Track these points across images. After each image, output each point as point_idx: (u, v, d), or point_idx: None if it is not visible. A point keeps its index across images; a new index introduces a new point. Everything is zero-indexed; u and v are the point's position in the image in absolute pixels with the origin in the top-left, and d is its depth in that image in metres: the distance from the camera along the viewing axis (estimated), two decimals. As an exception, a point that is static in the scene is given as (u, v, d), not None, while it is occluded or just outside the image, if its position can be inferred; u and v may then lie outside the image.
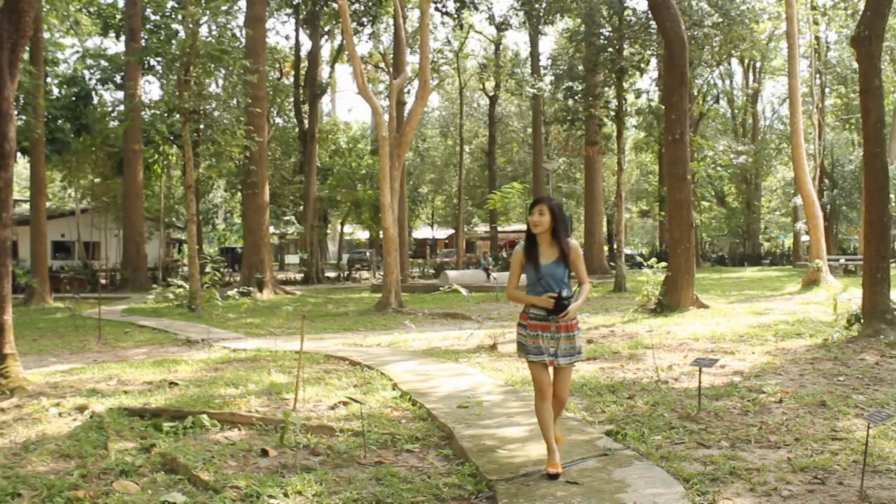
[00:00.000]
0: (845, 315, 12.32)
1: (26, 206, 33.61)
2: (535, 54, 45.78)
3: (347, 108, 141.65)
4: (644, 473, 5.35)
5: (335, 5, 33.30)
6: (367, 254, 58.70)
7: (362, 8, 37.78)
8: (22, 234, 32.39)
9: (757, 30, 36.12)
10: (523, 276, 5.75)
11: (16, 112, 10.27)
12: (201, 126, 25.15)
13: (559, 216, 5.52)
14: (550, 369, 5.56)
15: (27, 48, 11.97)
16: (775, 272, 38.29)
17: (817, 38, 40.63)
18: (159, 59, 28.64)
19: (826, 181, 44.46)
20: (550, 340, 5.45)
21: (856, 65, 16.31)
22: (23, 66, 13.58)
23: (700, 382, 7.50)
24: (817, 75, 40.78)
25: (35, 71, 25.69)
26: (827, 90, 46.11)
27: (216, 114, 24.35)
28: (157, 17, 36.07)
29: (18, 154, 28.65)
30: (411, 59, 32.46)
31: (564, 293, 5.40)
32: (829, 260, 26.75)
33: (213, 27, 25.16)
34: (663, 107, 20.57)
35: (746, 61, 50.96)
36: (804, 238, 42.01)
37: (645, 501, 4.80)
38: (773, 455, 5.85)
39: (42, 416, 7.73)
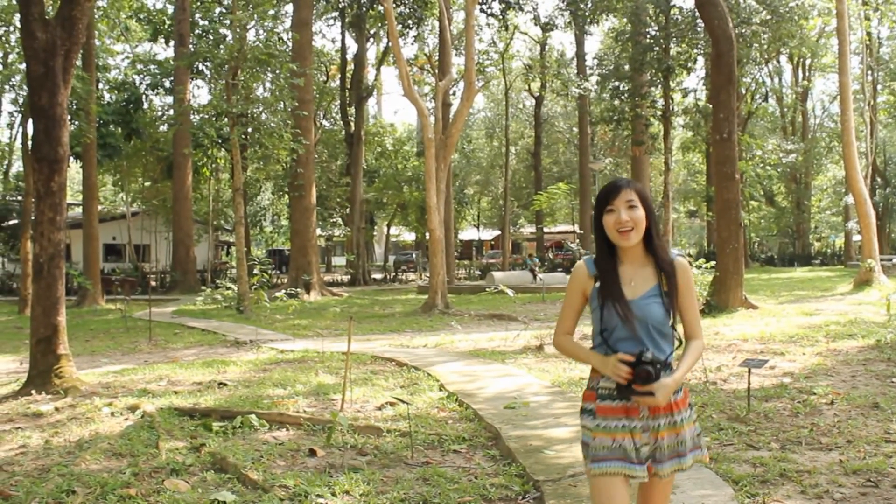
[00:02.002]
0: (899, 315, 12.10)
1: (79, 210, 34.20)
2: (580, 54, 45.60)
3: (393, 110, 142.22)
4: (693, 475, 5.29)
5: (381, 8, 33.45)
6: (414, 255, 58.85)
7: (408, 10, 37.90)
8: (75, 237, 33.02)
9: (806, 26, 35.60)
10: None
11: (69, 117, 10.45)
12: (249, 129, 25.42)
13: (652, 207, 3.30)
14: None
15: (80, 54, 12.16)
16: (826, 272, 37.70)
17: (869, 33, 39.93)
18: (208, 63, 29.05)
19: (878, 179, 43.82)
20: (643, 434, 3.14)
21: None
22: (75, 72, 13.81)
23: (749, 383, 7.42)
24: (869, 72, 40.12)
25: (87, 77, 26.14)
26: (879, 87, 45.28)
27: (263, 117, 24.60)
28: (206, 23, 36.63)
29: (71, 158, 29.17)
30: (457, 61, 32.49)
31: (649, 354, 3.04)
32: (881, 259, 26.26)
33: (261, 31, 25.51)
34: (711, 106, 20.39)
35: (796, 58, 50.17)
36: (856, 237, 41.33)
37: (694, 503, 4.76)
38: (824, 457, 5.76)
39: (95, 416, 7.86)
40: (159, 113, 42.39)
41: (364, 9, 38.16)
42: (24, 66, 15.84)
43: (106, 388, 9.59)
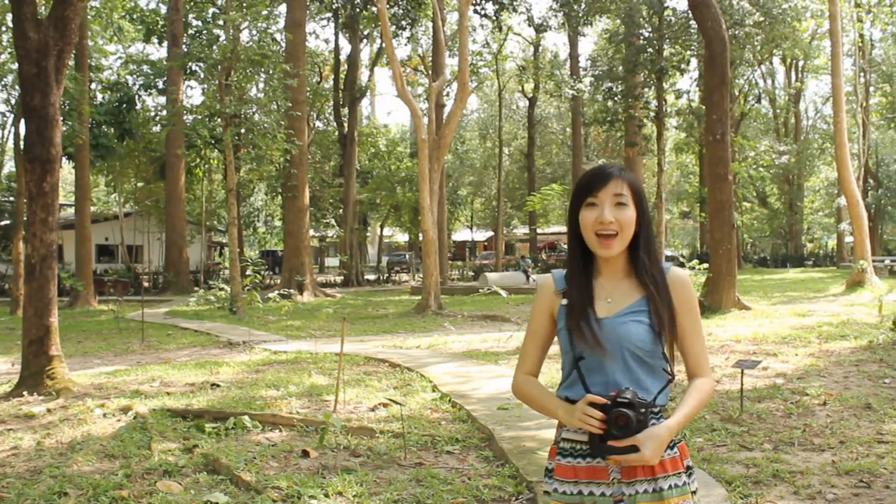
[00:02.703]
0: (891, 317, 12.12)
1: (71, 211, 34.13)
2: (574, 55, 45.62)
3: (387, 111, 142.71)
4: (685, 476, 5.29)
5: (374, 9, 33.43)
6: (407, 256, 58.77)
7: (401, 11, 37.89)
8: (67, 237, 32.90)
9: (799, 28, 35.67)
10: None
11: (61, 118, 10.43)
12: (242, 130, 25.38)
13: (646, 209, 2.45)
14: None
15: (72, 55, 12.17)
16: (819, 273, 37.75)
17: (861, 35, 40.02)
18: (201, 64, 28.93)
19: (870, 181, 43.92)
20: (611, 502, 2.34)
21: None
22: (68, 72, 13.79)
23: (742, 384, 7.43)
24: (861, 73, 40.18)
25: (80, 77, 26.09)
26: (871, 88, 45.38)
27: (257, 118, 24.55)
28: (199, 23, 36.48)
29: (64, 159, 29.09)
30: (450, 62, 32.56)
31: (628, 394, 2.25)
32: (873, 261, 26.30)
33: (254, 32, 25.43)
34: (704, 107, 20.40)
35: (789, 60, 50.27)
36: (848, 239, 41.41)
37: (686, 504, 4.75)
38: (817, 458, 5.77)
39: (87, 417, 7.83)
40: (152, 113, 42.24)
41: (358, 10, 38.12)
42: (16, 66, 15.80)
43: (98, 389, 9.57)
